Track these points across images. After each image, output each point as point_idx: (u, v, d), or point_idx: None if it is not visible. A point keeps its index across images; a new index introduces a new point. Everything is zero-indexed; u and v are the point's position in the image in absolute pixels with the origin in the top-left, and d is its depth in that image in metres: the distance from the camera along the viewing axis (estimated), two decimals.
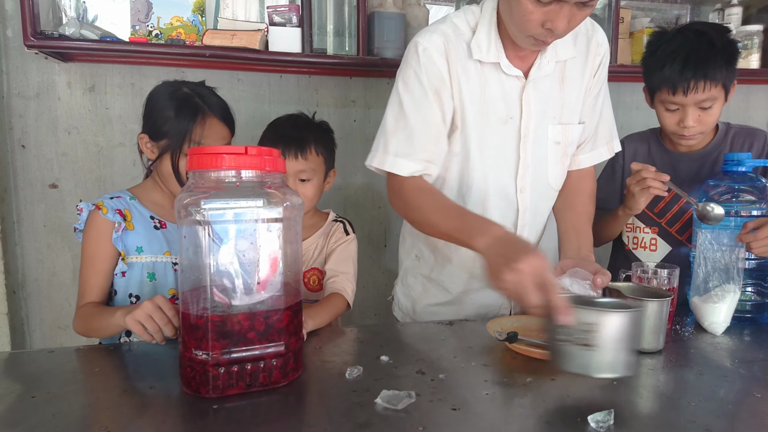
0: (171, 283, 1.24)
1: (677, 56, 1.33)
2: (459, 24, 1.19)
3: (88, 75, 1.81)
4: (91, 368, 0.99)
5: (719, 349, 1.10)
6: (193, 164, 0.87)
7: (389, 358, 1.00)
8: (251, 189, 0.87)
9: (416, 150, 1.17)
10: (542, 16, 1.03)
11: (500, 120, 1.22)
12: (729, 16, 2.12)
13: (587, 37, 1.26)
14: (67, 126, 1.82)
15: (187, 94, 1.22)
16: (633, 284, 1.17)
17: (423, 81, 1.16)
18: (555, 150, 1.28)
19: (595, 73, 1.27)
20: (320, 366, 0.98)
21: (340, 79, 2.01)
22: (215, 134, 1.23)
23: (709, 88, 1.33)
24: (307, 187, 1.37)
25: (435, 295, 1.40)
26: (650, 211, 1.51)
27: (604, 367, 0.82)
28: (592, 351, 0.81)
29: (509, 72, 1.19)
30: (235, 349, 0.84)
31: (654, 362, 1.03)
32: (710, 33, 1.34)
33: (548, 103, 1.24)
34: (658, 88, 1.38)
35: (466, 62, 1.18)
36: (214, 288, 0.84)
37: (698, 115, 1.37)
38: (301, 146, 1.34)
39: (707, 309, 1.19)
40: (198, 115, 1.20)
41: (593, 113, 1.31)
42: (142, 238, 1.22)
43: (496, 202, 1.27)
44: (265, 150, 0.90)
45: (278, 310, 0.87)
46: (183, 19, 1.74)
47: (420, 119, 1.17)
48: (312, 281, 1.43)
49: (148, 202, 1.26)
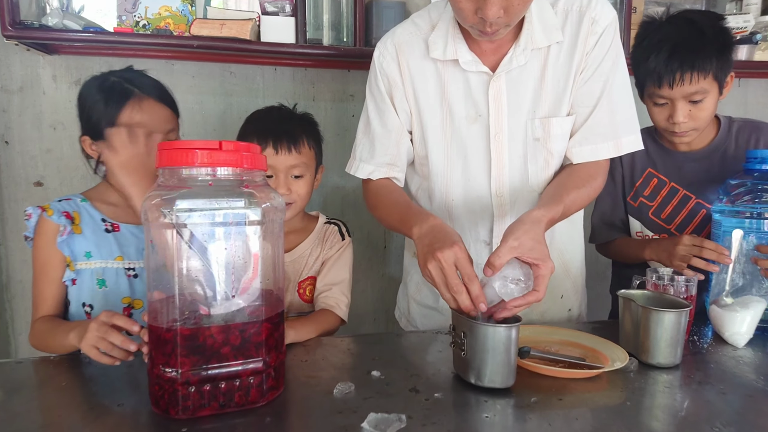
0: (124, 291, 1.15)
1: (663, 46, 1.24)
2: (419, 22, 1.17)
3: (74, 68, 1.73)
4: (59, 382, 0.91)
5: (742, 363, 1.01)
6: (163, 160, 0.79)
7: (381, 374, 0.92)
8: (227, 188, 0.79)
9: (377, 154, 1.20)
10: (473, 4, 0.95)
11: (467, 119, 1.14)
12: (747, 6, 2.01)
13: (579, 15, 1.09)
14: (53, 121, 1.74)
15: (114, 82, 1.14)
16: (648, 292, 1.08)
17: (380, 87, 1.18)
18: (535, 147, 1.14)
19: (588, 54, 1.09)
20: (305, 382, 0.89)
21: (338, 72, 1.92)
22: (155, 116, 1.14)
23: (697, 80, 1.23)
24: (301, 184, 1.27)
25: (427, 296, 1.33)
26: (657, 217, 1.42)
27: (478, 376, 0.85)
28: (467, 357, 0.85)
29: (470, 68, 1.11)
30: (207, 365, 0.76)
31: (671, 378, 0.94)
32: (700, 21, 1.25)
33: (525, 97, 1.12)
34: (645, 81, 1.29)
35: (422, 62, 1.14)
36: (183, 298, 0.76)
37: (689, 110, 1.28)
38: (293, 139, 1.25)
39: (729, 318, 1.10)
40: (128, 99, 1.11)
41: (589, 101, 1.12)
42: (90, 243, 1.13)
43: (464, 207, 1.19)
44: (243, 145, 0.82)
45: (256, 323, 0.79)
46: (172, 9, 1.65)
47: (380, 124, 1.20)
48: (308, 291, 1.34)
49: (102, 205, 1.18)
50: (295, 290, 1.32)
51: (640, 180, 1.42)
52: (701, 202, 1.38)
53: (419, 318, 1.35)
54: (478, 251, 1.20)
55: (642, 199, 1.43)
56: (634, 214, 1.45)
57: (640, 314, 0.99)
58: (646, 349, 0.98)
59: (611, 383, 0.91)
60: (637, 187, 1.43)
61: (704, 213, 1.37)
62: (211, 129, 1.83)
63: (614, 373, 0.93)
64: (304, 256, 1.33)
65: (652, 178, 1.42)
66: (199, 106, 1.82)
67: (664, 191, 1.41)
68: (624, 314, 1.04)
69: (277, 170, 1.24)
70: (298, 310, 1.32)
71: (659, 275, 1.15)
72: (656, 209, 1.42)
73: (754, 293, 1.11)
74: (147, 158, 1.09)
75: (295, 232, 1.33)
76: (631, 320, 1.02)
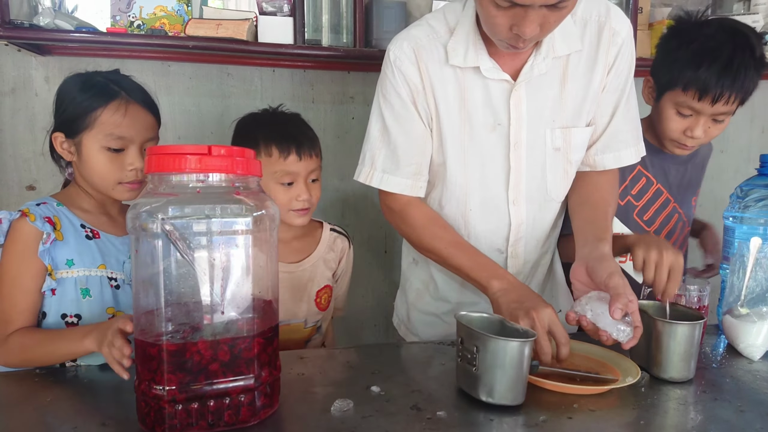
0: (108, 301, 1.08)
1: (718, 57, 1.15)
2: (436, 25, 1.10)
3: (68, 69, 1.66)
4: (44, 397, 0.86)
5: (759, 378, 0.97)
6: (152, 166, 0.75)
7: (381, 389, 0.87)
8: (218, 196, 0.75)
9: (402, 165, 1.13)
10: (507, 20, 0.91)
11: (486, 127, 1.10)
12: (756, 6, 1.97)
13: (599, 25, 1.08)
14: (46, 123, 1.67)
15: (101, 82, 1.09)
16: (659, 303, 1.03)
17: (401, 93, 1.10)
18: (555, 157, 1.13)
19: (610, 68, 1.10)
20: (301, 398, 0.85)
21: (338, 73, 1.89)
22: (139, 123, 1.09)
23: (735, 101, 1.18)
24: (317, 188, 1.26)
25: (429, 303, 1.28)
26: (640, 218, 1.37)
27: (490, 392, 0.82)
28: (478, 373, 0.82)
29: (491, 76, 1.06)
30: (194, 383, 0.72)
31: (684, 394, 0.90)
32: (751, 37, 1.18)
33: (545, 106, 1.09)
34: (684, 87, 1.20)
35: (442, 68, 1.08)
36: (170, 311, 0.72)
37: (708, 127, 1.23)
38: (312, 143, 1.23)
39: (744, 329, 1.06)
40: (112, 98, 1.06)
41: (608, 110, 1.13)
42: (72, 250, 1.06)
43: (481, 215, 1.15)
44: (236, 150, 0.78)
45: (247, 337, 0.75)
46: (167, 9, 1.61)
47: (402, 132, 1.12)
48: (324, 300, 1.31)
49: (78, 210, 1.11)
50: (312, 300, 1.28)
51: (629, 177, 1.36)
52: (676, 206, 1.37)
53: (421, 326, 1.31)
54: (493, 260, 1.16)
55: (630, 197, 1.38)
56: (618, 214, 1.39)
57: (651, 326, 0.95)
58: (658, 362, 0.94)
59: (622, 399, 0.87)
60: (626, 186, 1.37)
61: (676, 218, 1.37)
62: (209, 132, 1.79)
63: (625, 388, 0.89)
64: (318, 266, 1.30)
65: (641, 176, 1.36)
66: (196, 108, 1.78)
67: (651, 192, 1.37)
68: None
69: (299, 176, 1.20)
70: (314, 319, 1.29)
71: None
72: (641, 210, 1.37)
73: None
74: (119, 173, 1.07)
75: (300, 238, 1.30)
76: (643, 332, 0.97)
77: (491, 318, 0.91)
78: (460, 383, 0.88)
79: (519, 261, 1.19)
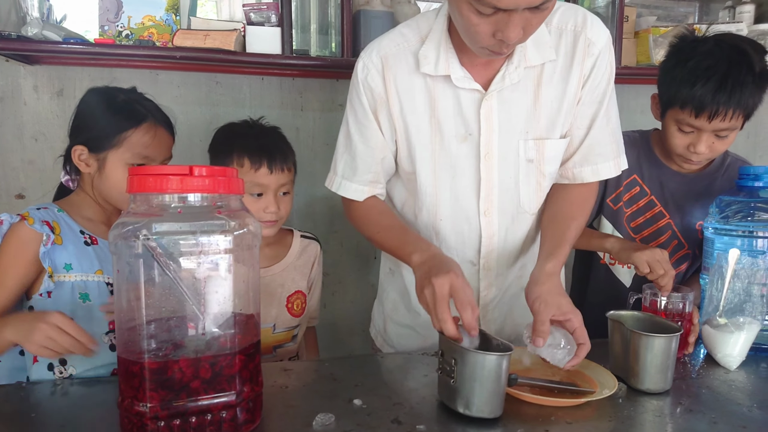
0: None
1: (713, 75, 1.16)
2: (407, 33, 1.09)
3: (56, 78, 1.70)
4: (28, 412, 0.87)
5: (734, 389, 0.99)
6: (133, 186, 0.76)
7: (363, 402, 0.89)
8: (200, 215, 0.76)
9: (360, 172, 1.15)
10: (490, 27, 0.89)
11: (457, 137, 1.09)
12: (740, 14, 1.99)
13: (574, 34, 1.05)
14: (34, 132, 1.71)
15: (127, 101, 1.16)
16: (638, 314, 1.05)
17: (363, 102, 1.11)
18: (528, 168, 1.11)
19: (586, 79, 1.07)
20: (284, 413, 0.86)
21: (326, 81, 1.90)
22: (163, 144, 1.17)
23: (735, 117, 1.18)
24: (287, 200, 1.29)
25: (404, 315, 1.28)
26: (628, 225, 1.40)
27: (467, 405, 0.83)
28: (456, 385, 0.83)
29: (462, 85, 1.05)
30: (176, 400, 0.73)
31: (660, 405, 0.91)
32: (750, 53, 1.17)
33: (518, 116, 1.08)
34: (681, 105, 1.20)
35: (411, 76, 1.08)
36: (151, 329, 0.73)
37: (712, 142, 1.23)
38: (285, 157, 1.26)
39: (722, 339, 1.08)
40: (142, 121, 1.13)
41: (585, 122, 1.11)
42: (71, 255, 1.09)
43: (452, 226, 1.15)
44: (218, 170, 0.79)
45: (228, 354, 0.76)
46: (155, 19, 1.62)
47: (362, 141, 1.14)
48: (297, 306, 1.32)
49: (79, 217, 1.15)
50: (283, 305, 1.30)
51: (624, 183, 1.39)
52: (671, 224, 1.38)
53: (396, 338, 1.31)
54: (465, 272, 1.16)
55: (622, 203, 1.40)
56: (610, 217, 1.41)
57: (629, 338, 0.96)
58: (635, 374, 0.95)
59: (599, 411, 0.88)
60: (620, 191, 1.39)
61: (669, 234, 1.38)
62: (197, 140, 1.79)
63: (603, 399, 0.91)
64: (289, 271, 1.32)
65: (635, 185, 1.39)
66: (184, 117, 1.78)
67: (643, 201, 1.39)
68: (613, 336, 1.02)
69: (268, 189, 1.23)
70: (287, 325, 1.31)
71: (655, 291, 1.14)
72: (630, 216, 1.40)
73: (746, 314, 1.08)
74: None
75: (270, 245, 1.33)
76: (620, 343, 0.99)
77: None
78: (440, 395, 0.89)
79: (492, 273, 1.18)
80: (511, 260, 1.19)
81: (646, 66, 1.87)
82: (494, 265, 1.17)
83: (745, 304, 1.09)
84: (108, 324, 1.12)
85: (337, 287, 2.05)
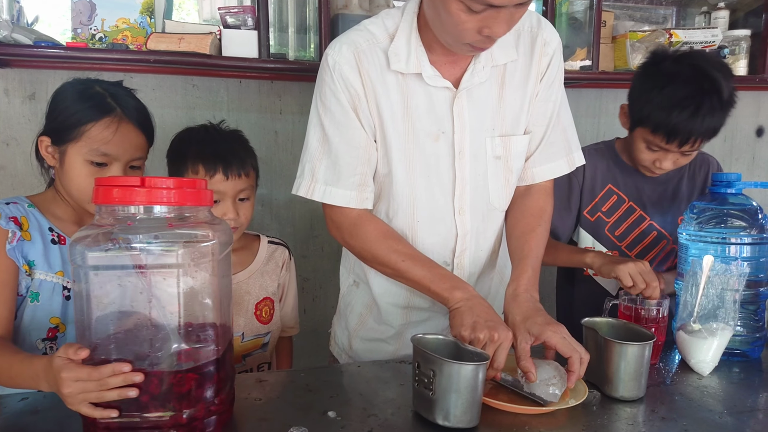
0: (56, 310, 1.06)
1: (688, 105, 1.19)
2: (375, 30, 1.06)
3: (28, 82, 1.66)
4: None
5: (706, 395, 0.99)
6: (98, 197, 0.75)
7: (337, 414, 0.88)
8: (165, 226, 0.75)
9: (345, 175, 1.09)
10: (478, 23, 0.91)
11: (431, 135, 1.09)
12: (716, 20, 2.02)
13: (531, 36, 1.10)
14: (6, 137, 1.67)
15: (99, 93, 1.08)
16: (612, 320, 1.06)
17: (341, 99, 1.06)
18: (496, 165, 1.12)
19: (542, 76, 1.11)
20: (257, 426, 0.85)
21: (306, 84, 1.88)
22: (127, 142, 1.08)
23: (702, 143, 1.25)
24: (247, 206, 1.25)
25: (372, 329, 1.25)
26: (612, 234, 1.42)
27: (446, 416, 0.83)
28: (435, 397, 0.83)
29: (434, 83, 1.05)
30: (126, 413, 0.72)
31: (634, 413, 0.92)
32: (720, 81, 1.21)
33: (485, 114, 1.09)
34: (653, 129, 1.24)
35: (383, 74, 1.05)
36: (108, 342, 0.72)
37: (677, 159, 1.30)
38: (242, 163, 1.21)
39: (695, 345, 1.08)
40: (105, 114, 1.06)
41: (543, 120, 1.14)
42: (37, 251, 1.05)
43: (428, 226, 1.14)
44: (187, 182, 0.78)
45: (179, 373, 0.74)
46: (130, 21, 1.59)
47: (344, 141, 1.08)
48: (265, 312, 1.30)
49: (49, 214, 1.10)
50: (251, 313, 1.28)
51: (599, 195, 1.42)
52: (654, 224, 1.41)
53: (364, 353, 1.27)
54: None
55: (600, 214, 1.42)
56: (589, 229, 1.43)
57: (602, 346, 0.97)
58: (609, 381, 0.96)
59: (573, 419, 0.89)
60: (596, 203, 1.42)
61: (655, 235, 1.42)
62: None
63: (578, 407, 0.91)
64: (256, 278, 1.30)
65: (612, 194, 1.42)
66: (159, 120, 1.70)
67: (622, 209, 1.41)
68: (587, 343, 1.02)
69: (225, 195, 1.19)
70: (256, 333, 1.29)
71: (631, 297, 1.14)
72: (612, 225, 1.42)
73: (719, 320, 1.09)
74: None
75: (235, 252, 1.29)
76: (595, 350, 0.99)
77: (446, 340, 0.92)
78: (416, 407, 0.89)
79: (464, 273, 1.17)
80: (482, 260, 1.20)
81: (624, 71, 1.89)
82: (467, 264, 1.17)
83: (718, 310, 1.10)
84: (48, 330, 1.07)
85: (318, 292, 2.03)
